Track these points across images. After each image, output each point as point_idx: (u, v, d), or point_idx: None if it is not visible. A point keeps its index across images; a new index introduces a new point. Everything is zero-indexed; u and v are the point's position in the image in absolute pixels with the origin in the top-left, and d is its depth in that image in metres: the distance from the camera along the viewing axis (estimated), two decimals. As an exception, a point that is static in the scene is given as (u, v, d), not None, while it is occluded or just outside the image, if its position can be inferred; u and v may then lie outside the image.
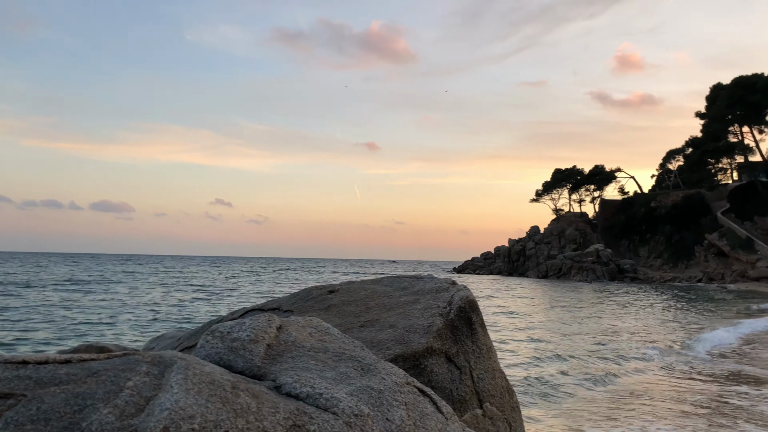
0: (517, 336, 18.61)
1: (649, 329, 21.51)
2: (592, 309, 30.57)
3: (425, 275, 4.98)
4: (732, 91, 75.72)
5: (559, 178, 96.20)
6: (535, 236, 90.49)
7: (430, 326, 3.95)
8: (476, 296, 3.99)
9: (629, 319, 25.02)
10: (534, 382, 11.26)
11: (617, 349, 15.82)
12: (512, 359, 13.93)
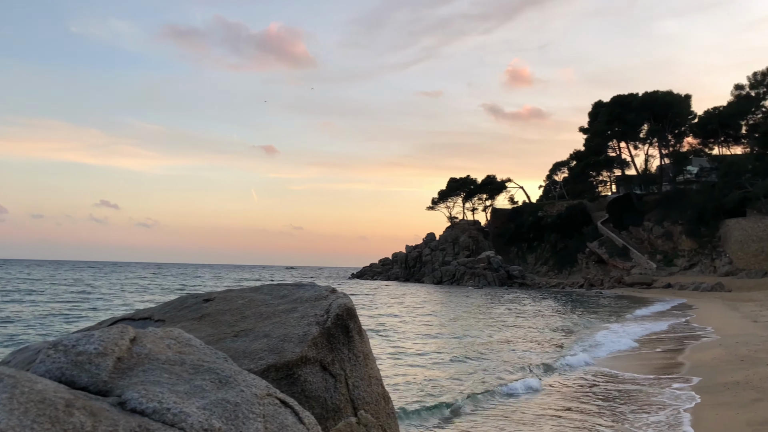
0: (401, 344, 18.91)
1: (527, 339, 22.55)
2: (481, 315, 31.64)
3: (307, 283, 4.95)
4: (611, 108, 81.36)
5: (453, 186, 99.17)
6: (431, 243, 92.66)
7: (306, 335, 3.92)
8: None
9: (508, 331, 26.11)
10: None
11: (492, 368, 16.36)
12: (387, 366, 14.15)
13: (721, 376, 12.24)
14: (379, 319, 25.98)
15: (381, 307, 34.51)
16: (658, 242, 73.37)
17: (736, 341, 17.72)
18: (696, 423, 9.02)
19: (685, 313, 32.47)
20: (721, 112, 74.06)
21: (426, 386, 11.81)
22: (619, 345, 19.17)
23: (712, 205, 66.31)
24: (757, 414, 8.84)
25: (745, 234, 63.06)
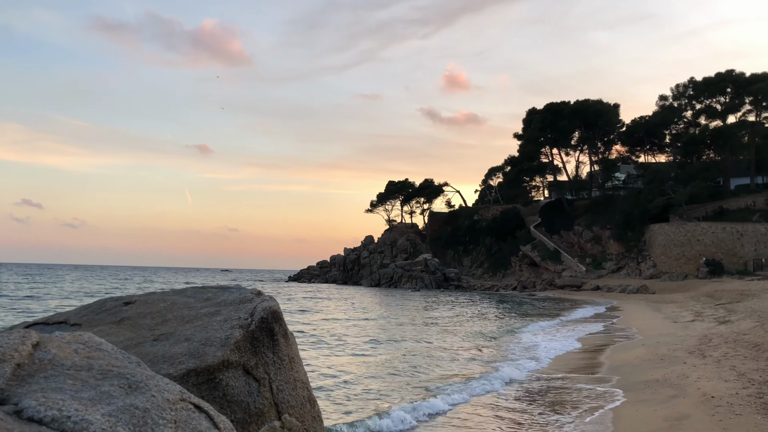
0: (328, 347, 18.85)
1: (454, 346, 22.89)
2: (417, 316, 31.90)
3: (232, 285, 4.86)
4: (544, 116, 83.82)
5: (392, 189, 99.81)
6: (369, 245, 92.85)
7: (228, 338, 3.84)
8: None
9: (438, 336, 26.43)
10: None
11: (399, 386, 16.49)
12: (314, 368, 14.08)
13: (643, 375, 12.76)
14: (309, 323, 25.84)
15: (312, 310, 34.32)
16: (587, 246, 75.98)
17: (658, 341, 18.53)
18: (617, 420, 9.37)
19: (612, 315, 33.73)
20: (647, 121, 77.48)
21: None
22: (548, 346, 19.71)
23: (638, 211, 69.23)
24: (673, 410, 9.26)
25: (668, 239, 66.15)
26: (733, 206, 68.77)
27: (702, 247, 63.96)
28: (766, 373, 11.06)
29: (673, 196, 67.27)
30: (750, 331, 17.86)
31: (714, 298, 36.40)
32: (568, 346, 19.70)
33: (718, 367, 12.31)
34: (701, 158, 75.48)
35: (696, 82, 74.90)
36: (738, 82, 72.09)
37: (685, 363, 13.30)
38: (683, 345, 16.56)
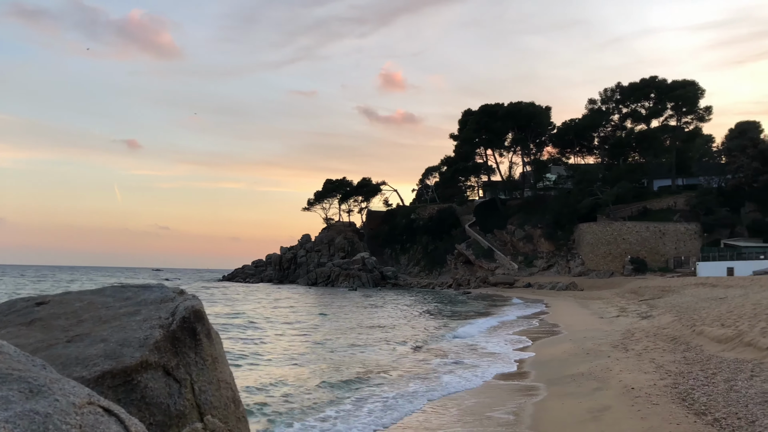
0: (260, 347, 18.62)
1: (382, 350, 23.02)
2: (353, 318, 31.88)
3: (155, 284, 4.70)
4: (479, 117, 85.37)
5: (329, 188, 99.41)
6: (306, 244, 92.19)
7: (148, 339, 3.71)
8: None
9: (366, 338, 26.52)
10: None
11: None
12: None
13: (569, 369, 13.17)
14: (234, 321, 25.45)
15: (240, 310, 33.80)
16: (519, 244, 77.95)
17: (584, 336, 19.19)
18: (543, 413, 9.63)
19: (542, 311, 34.72)
20: (577, 124, 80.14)
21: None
22: (482, 345, 20.09)
23: (568, 211, 71.57)
24: (597, 402, 9.60)
25: (596, 237, 68.68)
26: (656, 206, 72.07)
27: (627, 245, 66.73)
28: (681, 365, 11.63)
29: (600, 197, 69.89)
30: (669, 325, 18.76)
31: (638, 295, 38.06)
32: (500, 342, 20.13)
33: (639, 360, 12.85)
34: (627, 160, 78.73)
35: (622, 87, 78.03)
36: (661, 88, 75.55)
37: (609, 357, 13.82)
38: (608, 340, 17.21)
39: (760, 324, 14.14)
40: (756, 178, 65.51)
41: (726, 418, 7.58)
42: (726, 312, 17.67)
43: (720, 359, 11.86)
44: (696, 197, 68.87)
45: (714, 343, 13.93)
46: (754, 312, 16.23)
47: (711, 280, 39.47)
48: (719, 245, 60.13)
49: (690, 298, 27.59)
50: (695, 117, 76.19)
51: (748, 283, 32.70)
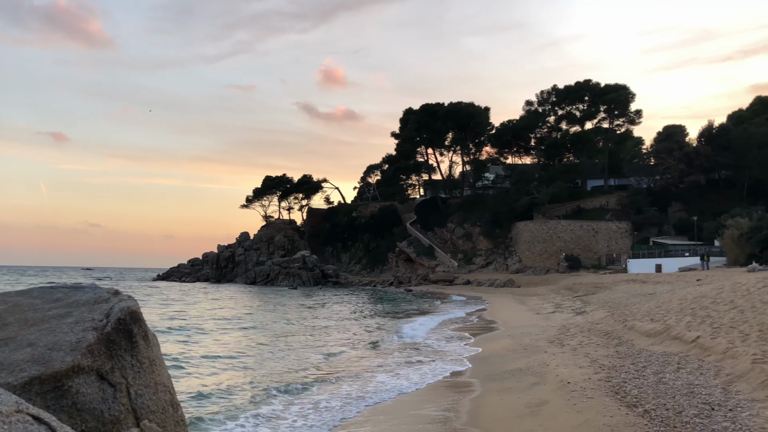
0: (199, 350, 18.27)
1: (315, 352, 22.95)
2: (291, 318, 31.60)
3: (87, 284, 4.48)
4: (420, 116, 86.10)
5: (269, 185, 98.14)
6: (244, 242, 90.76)
7: (80, 342, 3.53)
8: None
9: (300, 341, 26.37)
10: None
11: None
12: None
13: (508, 364, 13.43)
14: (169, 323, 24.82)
15: (172, 311, 33.02)
16: (459, 242, 79.14)
17: (522, 332, 19.64)
18: (483, 408, 9.78)
19: (481, 308, 35.33)
20: (514, 125, 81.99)
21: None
22: (419, 336, 20.26)
23: (506, 209, 73.16)
24: (534, 397, 9.82)
25: (532, 235, 70.48)
26: (589, 206, 74.58)
27: (562, 243, 68.77)
28: (614, 359, 12.05)
29: (537, 196, 71.74)
30: (602, 320, 19.42)
31: (572, 291, 39.29)
32: (441, 339, 20.34)
33: (575, 354, 13.24)
34: (562, 161, 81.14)
35: (558, 90, 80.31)
36: (594, 91, 78.19)
37: (545, 352, 14.18)
38: (544, 335, 17.67)
39: (686, 318, 14.82)
40: (682, 179, 68.72)
41: (655, 410, 7.89)
42: (655, 307, 18.43)
43: (650, 353, 12.35)
44: (627, 197, 71.69)
45: (644, 337, 14.50)
46: (680, 307, 16.99)
47: (641, 276, 41.14)
48: (648, 243, 62.82)
49: (621, 294, 28.65)
50: (626, 120, 79.25)
51: (674, 279, 34.25)
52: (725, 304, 16.07)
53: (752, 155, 65.81)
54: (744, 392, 8.27)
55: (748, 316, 13.83)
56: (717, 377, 9.37)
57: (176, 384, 4.60)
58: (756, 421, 6.97)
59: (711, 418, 7.30)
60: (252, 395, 11.21)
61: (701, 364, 10.52)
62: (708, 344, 11.53)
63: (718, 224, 51.82)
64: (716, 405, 7.85)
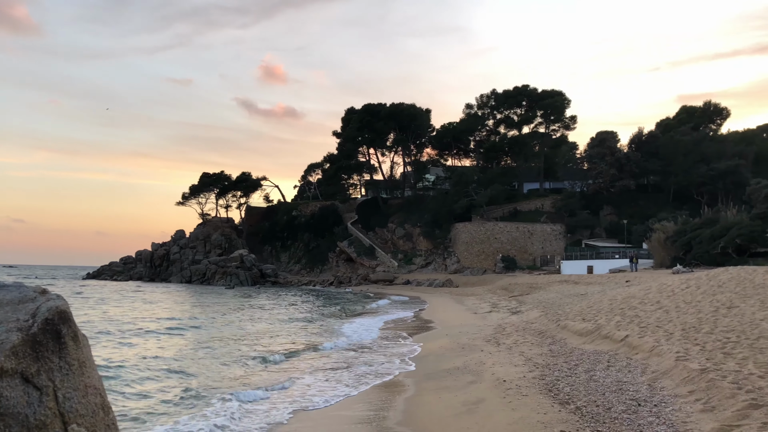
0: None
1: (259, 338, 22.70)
2: (226, 317, 31.08)
3: (10, 283, 4.26)
4: (362, 116, 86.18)
5: (206, 182, 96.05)
6: (180, 240, 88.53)
7: (3, 344, 3.36)
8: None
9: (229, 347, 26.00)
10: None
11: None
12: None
13: (446, 363, 13.61)
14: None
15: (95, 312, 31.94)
16: (400, 242, 79.67)
17: (460, 331, 19.94)
18: (421, 407, 9.87)
19: (420, 308, 35.66)
20: (455, 127, 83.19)
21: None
22: (359, 336, 20.27)
23: (446, 210, 74.16)
24: (471, 395, 9.98)
25: (471, 236, 71.71)
26: (525, 208, 76.51)
27: (499, 244, 70.27)
28: (548, 357, 12.39)
29: (475, 198, 73.05)
30: (536, 320, 19.95)
31: (508, 291, 40.19)
32: (379, 339, 20.40)
33: (510, 353, 13.54)
34: (500, 164, 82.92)
35: (497, 94, 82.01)
36: (532, 96, 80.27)
37: (482, 351, 14.44)
38: (481, 334, 18.00)
39: (615, 318, 15.39)
40: (613, 184, 71.42)
41: (586, 406, 8.16)
42: (586, 307, 19.06)
43: (581, 351, 12.76)
44: (561, 200, 73.97)
45: (576, 336, 14.97)
46: (611, 307, 17.64)
47: (573, 277, 42.48)
48: (581, 245, 64.97)
49: (555, 294, 29.50)
50: (562, 125, 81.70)
51: (605, 280, 35.53)
52: (652, 304, 16.78)
53: (678, 162, 69.08)
54: (668, 388, 8.66)
55: (673, 315, 14.49)
56: (644, 374, 9.77)
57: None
58: (678, 416, 7.31)
59: (638, 414, 7.60)
60: (179, 399, 10.92)
61: (629, 362, 10.95)
62: (636, 343, 12.01)
63: (646, 228, 54.19)
64: (642, 401, 8.18)
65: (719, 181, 65.49)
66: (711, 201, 60.69)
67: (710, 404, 7.37)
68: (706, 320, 13.29)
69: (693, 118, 79.40)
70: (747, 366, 8.69)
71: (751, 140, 78.59)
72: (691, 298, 16.73)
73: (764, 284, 17.37)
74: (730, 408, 6.96)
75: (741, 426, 6.39)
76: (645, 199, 72.01)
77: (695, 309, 15.02)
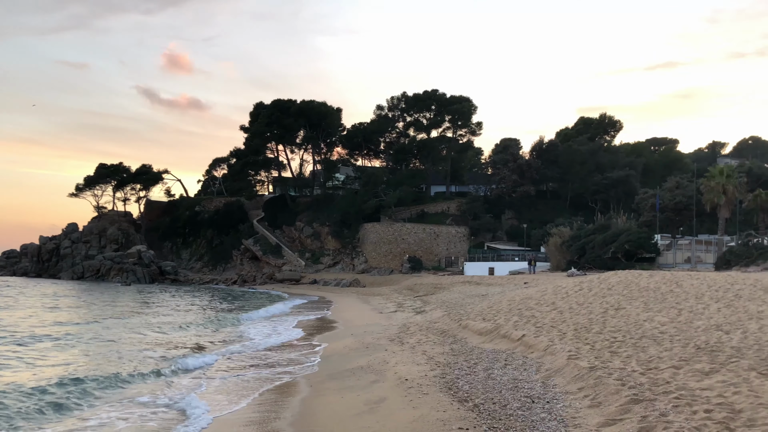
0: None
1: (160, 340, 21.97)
2: (120, 318, 29.75)
3: None
4: (271, 111, 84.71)
5: (103, 173, 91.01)
6: (72, 234, 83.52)
7: None
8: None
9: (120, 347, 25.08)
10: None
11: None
12: None
13: (350, 363, 13.61)
14: None
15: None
16: (307, 241, 79.04)
17: (365, 331, 20.02)
18: (322, 407, 9.80)
19: (326, 307, 35.53)
20: (365, 128, 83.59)
21: None
22: (261, 338, 19.91)
23: (355, 210, 74.39)
24: (374, 394, 10.02)
25: (379, 237, 72.34)
26: (432, 210, 78.13)
27: (406, 245, 71.36)
28: (449, 356, 12.66)
29: (384, 199, 73.77)
30: (439, 319, 20.37)
31: (413, 291, 40.83)
32: (282, 338, 20.14)
33: (413, 352, 13.72)
34: (409, 166, 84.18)
35: (407, 97, 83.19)
36: (441, 101, 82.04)
37: (386, 350, 14.56)
38: (386, 334, 18.15)
39: (514, 318, 15.98)
40: (515, 189, 74.33)
41: (484, 404, 8.40)
42: (487, 308, 19.67)
43: (481, 350, 13.14)
44: (466, 203, 76.16)
45: (477, 335, 15.41)
46: (509, 308, 18.30)
47: (476, 278, 43.82)
48: (483, 247, 67.19)
49: (458, 294, 30.27)
50: (468, 131, 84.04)
51: (505, 281, 36.89)
52: (547, 305, 17.57)
53: (575, 170, 72.98)
54: (560, 385, 9.07)
55: (566, 316, 15.23)
56: (538, 372, 10.18)
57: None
58: (568, 411, 7.66)
59: (531, 410, 7.91)
60: (42, 406, 10.18)
61: (525, 360, 11.38)
62: (532, 342, 12.50)
63: (544, 232, 56.80)
64: (536, 398, 8.52)
65: (612, 190, 69.76)
66: (604, 208, 64.49)
67: (597, 400, 7.77)
68: (596, 321, 14.06)
69: (590, 129, 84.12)
70: (630, 363, 9.25)
71: (641, 152, 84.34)
72: (583, 300, 17.65)
73: (648, 287, 18.63)
74: (614, 403, 7.37)
75: (623, 420, 6.78)
76: (544, 205, 75.51)
77: (587, 310, 15.86)
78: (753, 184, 55.87)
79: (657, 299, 16.39)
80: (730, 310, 13.98)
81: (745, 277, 21.48)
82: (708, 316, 13.36)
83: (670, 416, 6.51)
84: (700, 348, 9.97)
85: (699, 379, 8.00)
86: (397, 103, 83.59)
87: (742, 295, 15.89)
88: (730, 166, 51.71)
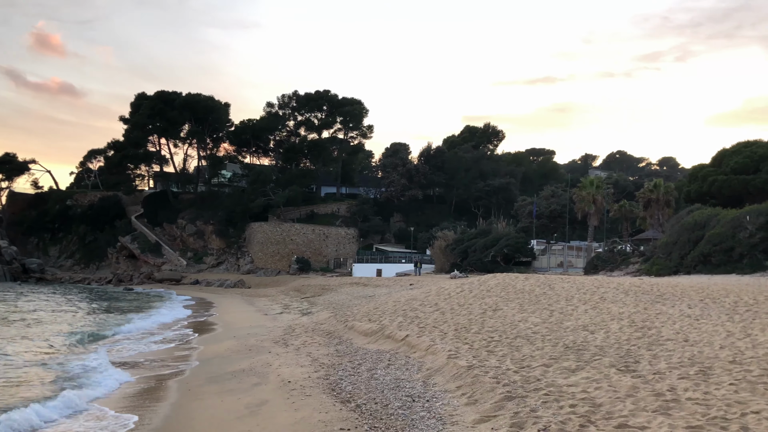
0: None
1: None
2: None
3: None
4: (154, 103, 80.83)
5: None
6: None
7: None
8: None
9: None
10: None
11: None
12: None
13: (231, 365, 13.25)
14: None
15: None
16: (190, 240, 76.22)
17: (248, 333, 19.58)
18: (200, 411, 9.48)
19: (209, 309, 34.42)
20: (255, 125, 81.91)
21: None
22: (135, 341, 18.97)
23: (241, 209, 72.67)
24: (255, 397, 9.82)
25: (266, 236, 71.13)
26: (322, 211, 78.00)
27: (294, 245, 70.70)
28: (334, 357, 12.67)
29: (273, 198, 72.66)
30: (326, 321, 20.33)
31: (301, 292, 40.51)
32: (158, 343, 19.30)
33: (297, 354, 13.60)
34: (299, 165, 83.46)
35: (299, 96, 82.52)
36: (332, 102, 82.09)
37: (270, 352, 14.32)
38: (270, 336, 17.86)
39: (398, 319, 16.27)
40: (404, 193, 75.94)
41: (366, 404, 8.47)
42: (373, 308, 19.90)
43: (366, 351, 13.25)
44: (356, 205, 76.76)
45: (362, 336, 15.53)
46: (395, 309, 18.63)
47: (363, 279, 44.22)
48: (372, 249, 67.98)
49: (345, 296, 30.40)
50: (359, 133, 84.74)
51: (392, 283, 37.51)
52: (431, 306, 18.06)
53: (460, 177, 75.72)
54: (439, 384, 9.33)
55: (448, 317, 15.73)
56: (419, 372, 10.42)
57: None
58: (446, 409, 7.90)
59: (411, 409, 8.07)
60: None
61: (408, 360, 11.62)
62: (414, 342, 12.79)
63: (430, 235, 58.46)
64: (417, 397, 8.72)
65: (493, 196, 73.08)
66: (486, 214, 67.37)
67: (474, 398, 8.07)
68: (475, 321, 14.63)
69: (475, 137, 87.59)
70: (505, 362, 9.71)
71: (521, 162, 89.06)
72: (464, 301, 18.32)
73: (523, 290, 19.67)
74: (489, 401, 7.69)
75: (497, 416, 7.09)
76: (431, 209, 77.71)
77: (467, 311, 16.47)
78: (619, 194, 60.82)
79: (531, 301, 17.33)
80: (595, 311, 15.06)
81: (610, 280, 23.28)
82: (576, 317, 14.31)
83: (539, 411, 6.89)
84: (568, 347, 10.65)
85: (566, 376, 8.54)
86: (289, 102, 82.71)
87: (606, 298, 17.18)
88: (600, 178, 55.84)
